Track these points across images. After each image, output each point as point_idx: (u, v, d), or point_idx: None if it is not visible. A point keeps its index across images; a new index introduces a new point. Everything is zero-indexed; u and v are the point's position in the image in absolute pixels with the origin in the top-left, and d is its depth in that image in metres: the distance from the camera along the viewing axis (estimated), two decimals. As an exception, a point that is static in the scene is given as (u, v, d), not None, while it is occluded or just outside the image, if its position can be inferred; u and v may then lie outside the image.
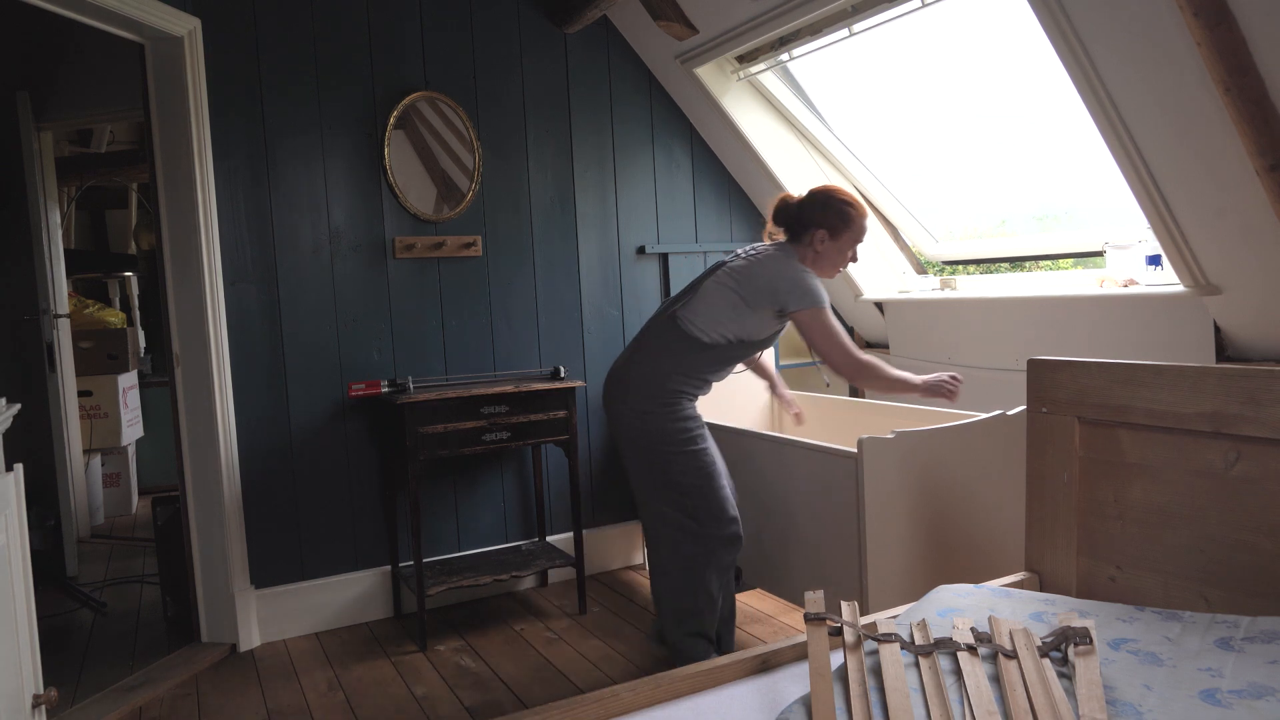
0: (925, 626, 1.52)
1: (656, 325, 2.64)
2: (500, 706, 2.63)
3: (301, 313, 3.25)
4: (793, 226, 2.59)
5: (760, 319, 2.54)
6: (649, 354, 2.60)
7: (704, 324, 2.54)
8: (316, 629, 3.30)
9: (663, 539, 2.61)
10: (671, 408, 2.55)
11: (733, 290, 2.53)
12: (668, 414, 2.55)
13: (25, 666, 1.86)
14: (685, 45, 3.55)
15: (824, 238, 2.53)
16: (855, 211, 2.53)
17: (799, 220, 2.57)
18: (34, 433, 3.87)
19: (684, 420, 2.56)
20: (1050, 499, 1.92)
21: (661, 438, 2.55)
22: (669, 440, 2.54)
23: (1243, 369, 1.60)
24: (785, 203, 2.62)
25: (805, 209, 2.56)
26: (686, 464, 2.55)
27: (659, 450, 2.55)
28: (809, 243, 2.55)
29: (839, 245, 2.54)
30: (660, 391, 2.55)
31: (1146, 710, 1.28)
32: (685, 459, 2.55)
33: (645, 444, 2.57)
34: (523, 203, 3.61)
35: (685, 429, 2.56)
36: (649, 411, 2.55)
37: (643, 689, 1.47)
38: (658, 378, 2.55)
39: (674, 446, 2.55)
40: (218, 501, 3.09)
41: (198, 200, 3.01)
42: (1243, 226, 2.33)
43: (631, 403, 2.57)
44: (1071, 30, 2.32)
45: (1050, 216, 3.53)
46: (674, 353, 2.56)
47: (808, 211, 2.55)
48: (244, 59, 3.13)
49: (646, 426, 2.55)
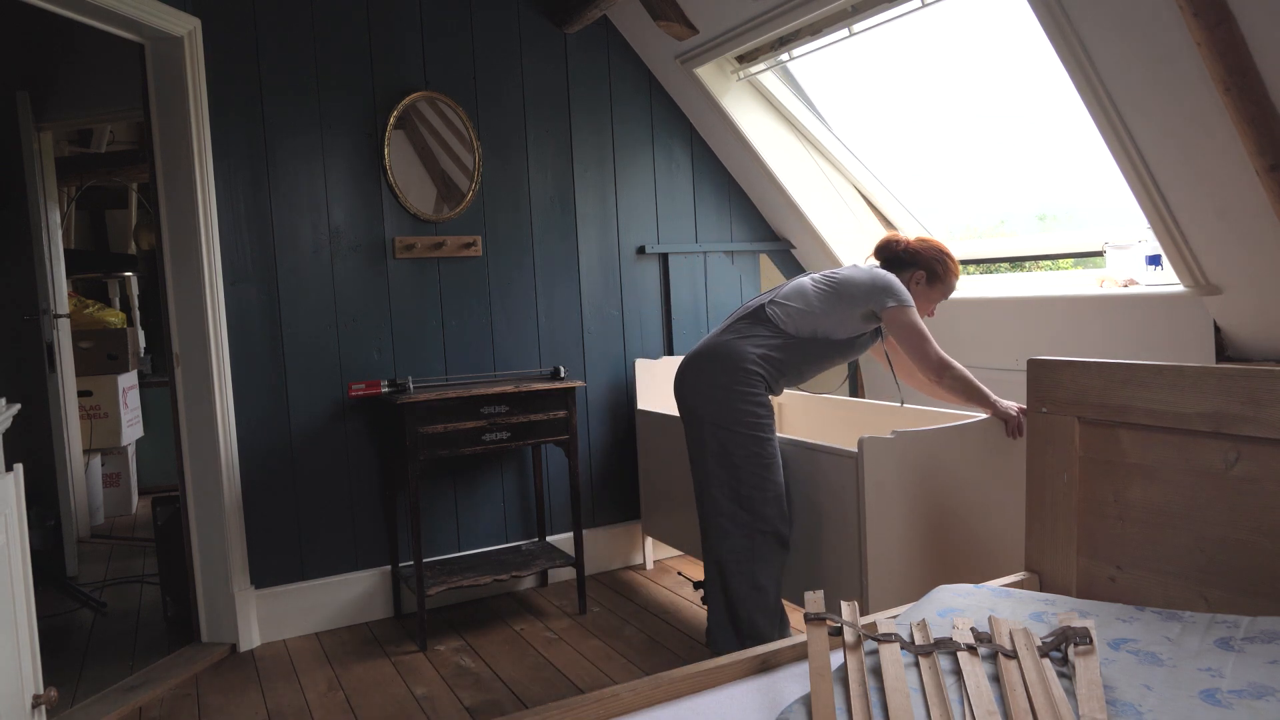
0: (925, 626, 1.52)
1: (740, 317, 2.72)
2: (500, 706, 2.63)
3: (301, 313, 3.25)
4: (893, 263, 2.77)
5: (847, 317, 2.63)
6: (731, 335, 2.66)
7: (791, 313, 2.63)
8: (316, 629, 3.30)
9: (714, 529, 2.62)
10: (746, 387, 2.58)
11: (826, 287, 2.66)
12: (741, 393, 2.57)
13: (25, 666, 1.86)
14: (685, 45, 3.55)
15: (920, 279, 2.74)
16: (953, 270, 2.76)
17: (900, 259, 2.76)
18: (34, 433, 3.87)
19: (756, 404, 2.58)
20: (1050, 499, 1.92)
21: (731, 416, 2.57)
22: (738, 420, 2.57)
23: (1243, 369, 1.60)
24: (894, 241, 2.80)
25: (911, 251, 2.75)
26: (749, 449, 2.57)
27: (726, 429, 2.58)
28: (905, 279, 2.72)
29: (929, 292, 2.76)
30: (737, 369, 2.59)
31: (1146, 710, 1.28)
32: (750, 443, 2.57)
33: (714, 419, 2.59)
34: (523, 203, 3.61)
35: (755, 413, 2.58)
36: (724, 386, 2.58)
37: (643, 689, 1.47)
38: (736, 356, 2.60)
39: (742, 427, 2.57)
40: (218, 501, 3.09)
41: (198, 200, 3.01)
42: (1243, 226, 2.33)
43: (708, 375, 2.62)
44: (1071, 30, 2.32)
45: (1050, 216, 3.53)
46: (756, 338, 2.62)
47: (912, 254, 2.75)
48: (244, 59, 3.13)
49: (719, 400, 2.59)
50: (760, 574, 2.58)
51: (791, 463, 2.71)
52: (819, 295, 2.65)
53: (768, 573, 2.59)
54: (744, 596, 2.58)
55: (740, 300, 4.04)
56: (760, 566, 2.58)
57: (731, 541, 2.59)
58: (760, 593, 2.57)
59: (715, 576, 2.64)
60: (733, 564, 2.59)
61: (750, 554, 2.57)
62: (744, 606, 2.58)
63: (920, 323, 2.59)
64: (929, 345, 2.57)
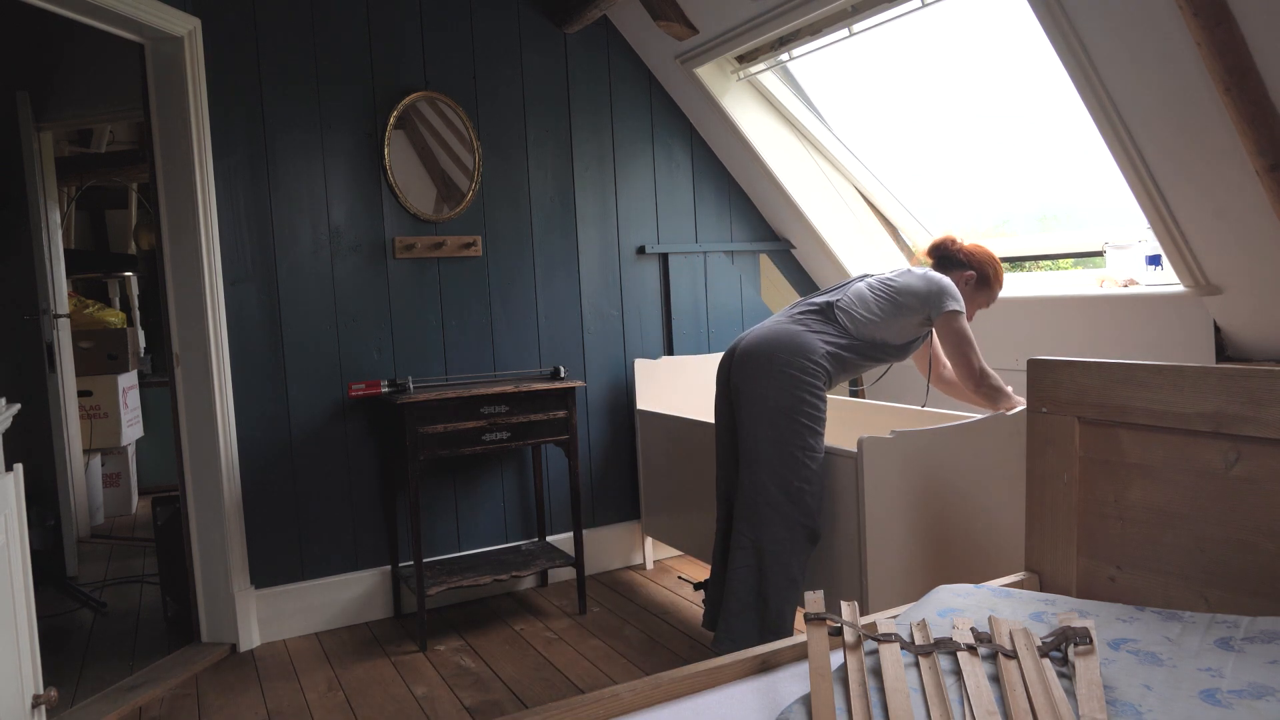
0: (925, 626, 1.52)
1: (804, 306, 2.72)
2: (500, 706, 2.63)
3: (301, 312, 3.25)
4: (946, 262, 2.81)
5: (905, 324, 2.67)
6: (801, 328, 2.65)
7: (856, 320, 2.66)
8: (316, 629, 3.30)
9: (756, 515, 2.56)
10: (812, 379, 2.56)
11: (885, 295, 2.69)
12: (808, 384, 2.55)
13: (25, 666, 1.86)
14: (685, 45, 3.55)
15: (971, 279, 2.78)
16: (1001, 279, 2.82)
17: (954, 259, 2.80)
18: (34, 433, 3.87)
19: (819, 397, 2.57)
20: (1050, 499, 1.92)
21: (796, 405, 2.54)
22: (800, 410, 2.54)
23: (1243, 369, 1.60)
24: (951, 241, 2.83)
25: (965, 254, 2.80)
26: (806, 440, 2.54)
27: (788, 416, 2.54)
28: (956, 279, 2.75)
29: (975, 296, 2.80)
30: (808, 360, 2.57)
31: (1146, 710, 1.28)
32: (808, 434, 2.54)
33: (779, 404, 2.54)
34: (523, 203, 3.61)
35: (818, 406, 2.56)
36: (794, 375, 2.55)
37: (643, 689, 1.47)
38: (808, 348, 2.59)
39: (804, 418, 2.54)
40: (218, 501, 3.09)
41: (198, 200, 3.01)
42: (1243, 226, 2.33)
43: (780, 361, 2.57)
44: (1071, 30, 2.32)
45: (1050, 216, 3.53)
46: (825, 334, 2.63)
47: (968, 255, 2.79)
48: (244, 59, 3.13)
49: (787, 388, 2.55)
50: (794, 567, 2.54)
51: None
52: (879, 304, 2.68)
53: (800, 568, 2.56)
54: (779, 588, 2.53)
55: (740, 300, 4.04)
56: (795, 560, 2.54)
57: (774, 531, 2.54)
58: (794, 586, 2.54)
59: (750, 562, 2.57)
60: (771, 554, 2.54)
61: (791, 546, 2.53)
62: (776, 598, 2.54)
63: (968, 330, 2.63)
64: (975, 353, 2.62)
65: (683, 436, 3.39)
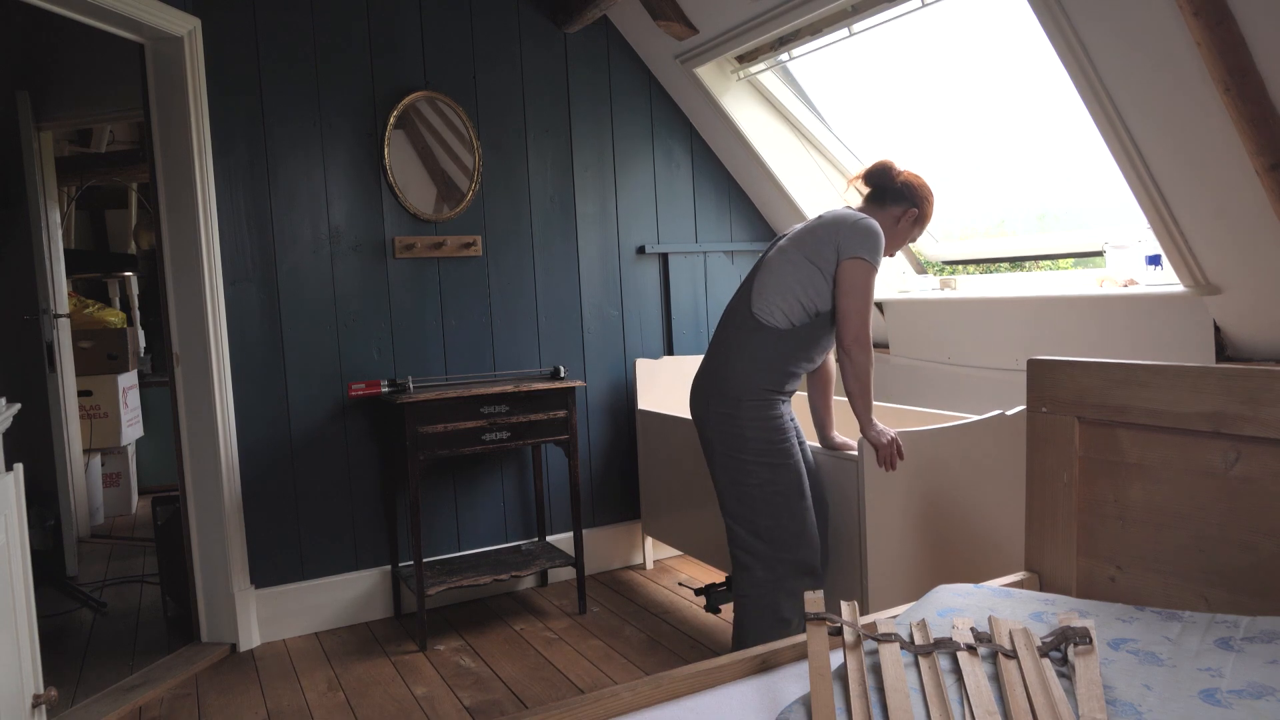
0: (925, 626, 1.52)
1: (731, 321, 2.51)
2: (500, 706, 2.63)
3: (301, 313, 3.25)
4: (885, 193, 2.54)
5: (828, 279, 2.40)
6: (728, 349, 2.46)
7: (775, 299, 2.41)
8: (316, 629, 3.30)
9: (735, 560, 2.47)
10: (753, 410, 2.39)
11: (797, 251, 2.44)
12: (749, 418, 2.38)
13: (25, 666, 1.86)
14: (685, 45, 3.55)
15: (911, 217, 2.53)
16: (932, 211, 2.58)
17: (893, 192, 2.53)
18: (34, 433, 3.87)
19: (767, 425, 2.39)
20: (1050, 499, 1.92)
21: (739, 443, 2.39)
22: (745, 447, 2.39)
23: (1243, 369, 1.60)
24: (890, 169, 2.55)
25: (909, 186, 2.53)
26: (761, 476, 2.38)
27: (735, 457, 2.40)
28: (895, 215, 2.52)
29: (911, 232, 2.56)
30: (740, 394, 2.40)
31: (1146, 710, 1.28)
32: (763, 471, 2.38)
33: (724, 449, 2.42)
34: (523, 203, 3.61)
35: (766, 437, 2.39)
36: (727, 414, 2.41)
37: (643, 689, 1.47)
38: (736, 379, 2.41)
39: (750, 455, 2.39)
40: (218, 501, 3.09)
41: (198, 200, 3.01)
42: (1243, 226, 2.33)
43: (714, 403, 2.44)
44: (1071, 30, 2.31)
45: (1050, 216, 3.53)
46: (752, 347, 2.41)
47: (909, 189, 2.53)
48: (244, 59, 3.13)
49: (727, 429, 2.41)
50: (784, 608, 2.39)
51: (791, 463, 2.71)
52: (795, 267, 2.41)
53: (792, 605, 2.39)
54: (764, 633, 2.35)
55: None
56: (784, 599, 2.39)
57: (752, 574, 2.41)
58: (784, 626, 2.38)
59: (737, 608, 2.48)
60: (753, 600, 2.41)
61: (775, 587, 2.39)
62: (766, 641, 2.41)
63: (870, 286, 2.36)
64: (864, 314, 2.35)
65: (683, 436, 3.39)
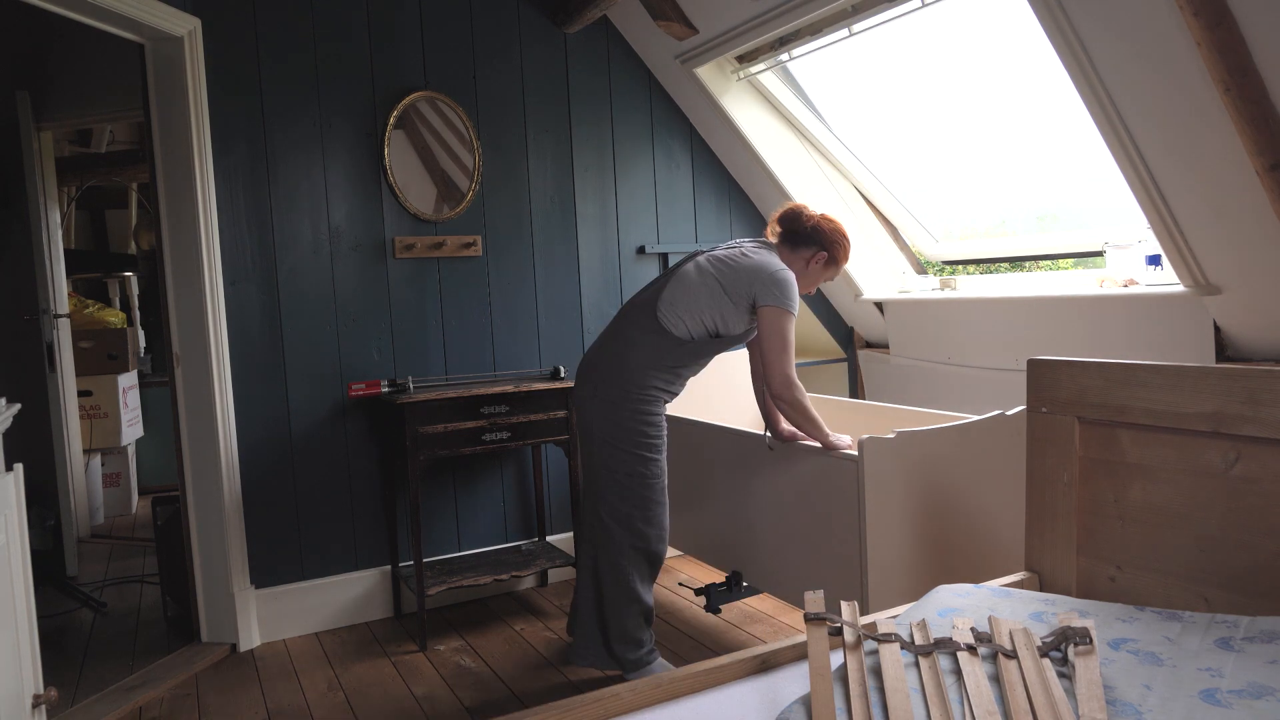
0: (925, 626, 1.52)
1: (633, 313, 2.62)
2: (500, 706, 2.63)
3: (301, 313, 3.25)
4: (795, 236, 2.68)
5: (738, 312, 2.55)
6: (625, 343, 2.58)
7: (682, 313, 2.54)
8: (316, 629, 3.30)
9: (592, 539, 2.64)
10: (640, 403, 2.55)
11: (715, 278, 2.56)
12: (633, 412, 2.54)
13: (25, 666, 1.86)
14: (685, 45, 3.55)
15: (821, 260, 2.67)
16: (847, 254, 2.71)
17: (804, 235, 2.66)
18: (34, 433, 3.87)
19: (648, 422, 2.56)
20: (1050, 499, 1.92)
21: (620, 433, 2.54)
22: (627, 438, 2.54)
23: (1243, 369, 1.60)
24: (801, 215, 2.68)
25: (818, 230, 2.66)
26: (633, 468, 2.55)
27: (614, 445, 2.55)
28: (805, 257, 2.66)
29: (824, 273, 2.71)
30: (630, 388, 2.54)
31: (1146, 710, 1.28)
32: (636, 462, 2.55)
33: (603, 436, 2.56)
34: (523, 203, 3.61)
35: (646, 432, 2.56)
36: (614, 403, 2.54)
37: (643, 689, 1.47)
38: (629, 370, 2.54)
39: (628, 445, 2.54)
40: (218, 501, 3.09)
41: (198, 200, 3.01)
42: (1243, 226, 2.33)
43: (601, 391, 2.57)
44: (1071, 30, 2.32)
45: (1050, 216, 3.53)
46: (648, 345, 2.55)
47: (818, 233, 2.66)
48: (244, 59, 3.13)
49: (609, 417, 2.55)
50: (636, 586, 2.60)
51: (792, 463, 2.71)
52: (709, 290, 2.54)
53: (643, 586, 2.62)
54: (619, 607, 2.59)
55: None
56: (637, 579, 2.60)
57: (608, 554, 2.60)
58: (636, 602, 2.60)
59: (589, 581, 2.65)
60: (610, 577, 2.60)
61: (628, 568, 2.59)
62: (617, 617, 2.60)
63: (790, 332, 2.51)
64: (788, 360, 2.51)
65: (683, 437, 3.39)
